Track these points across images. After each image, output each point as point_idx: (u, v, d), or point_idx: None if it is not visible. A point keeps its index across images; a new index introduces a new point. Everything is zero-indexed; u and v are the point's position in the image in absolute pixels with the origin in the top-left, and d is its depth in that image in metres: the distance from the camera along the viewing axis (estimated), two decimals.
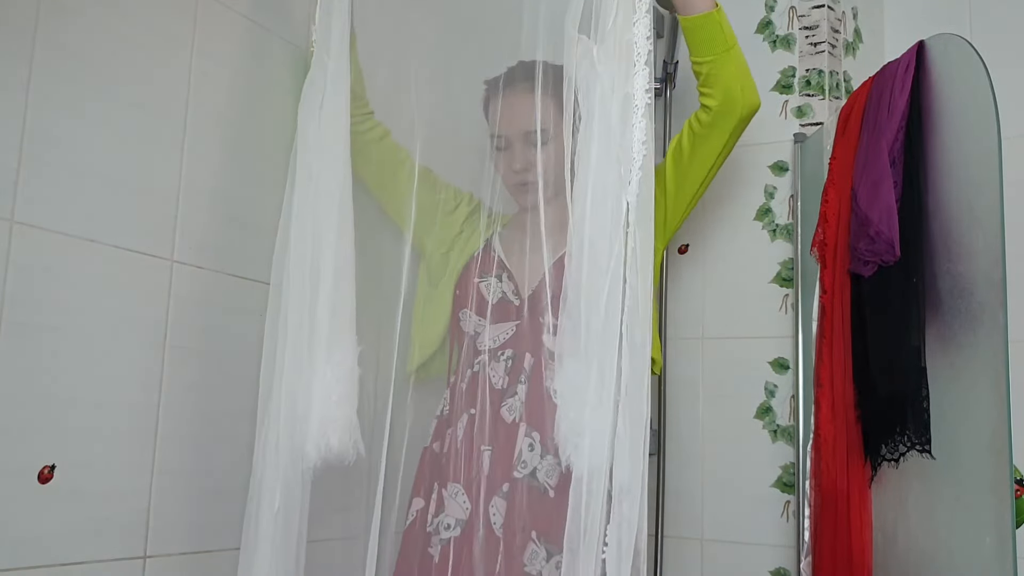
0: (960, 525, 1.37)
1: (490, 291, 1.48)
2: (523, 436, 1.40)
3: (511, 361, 1.46)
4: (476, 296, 1.50)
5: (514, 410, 1.42)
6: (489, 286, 1.48)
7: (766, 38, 2.10)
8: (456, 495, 1.41)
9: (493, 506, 1.39)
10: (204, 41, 1.43)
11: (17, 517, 1.15)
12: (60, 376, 1.20)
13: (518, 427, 1.41)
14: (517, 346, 1.47)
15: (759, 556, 1.93)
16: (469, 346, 1.51)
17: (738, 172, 2.08)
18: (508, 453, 1.40)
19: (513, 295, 1.49)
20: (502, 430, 1.41)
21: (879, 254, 1.48)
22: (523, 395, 1.43)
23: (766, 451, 1.96)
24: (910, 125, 1.51)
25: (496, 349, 1.47)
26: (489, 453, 1.41)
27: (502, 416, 1.43)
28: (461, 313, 1.54)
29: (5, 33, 1.16)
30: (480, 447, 1.41)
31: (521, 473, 1.38)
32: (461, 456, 1.42)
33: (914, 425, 1.44)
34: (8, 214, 1.15)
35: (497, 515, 1.38)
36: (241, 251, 1.49)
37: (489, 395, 1.44)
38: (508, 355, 1.47)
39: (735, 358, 2.02)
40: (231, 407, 1.46)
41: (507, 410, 1.43)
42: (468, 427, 1.44)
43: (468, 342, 1.51)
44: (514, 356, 1.46)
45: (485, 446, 1.41)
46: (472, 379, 1.48)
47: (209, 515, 1.41)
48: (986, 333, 1.34)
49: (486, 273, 1.51)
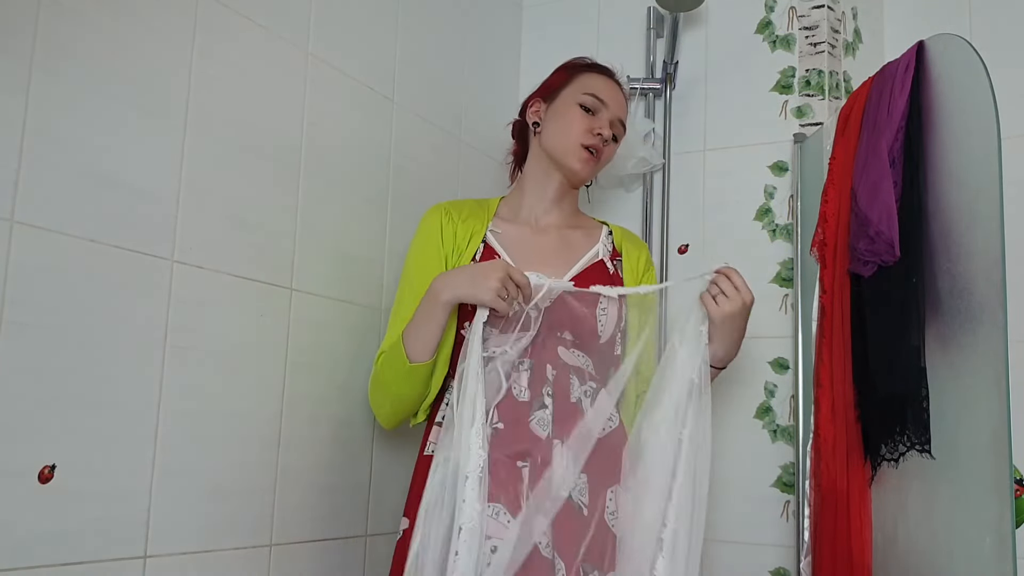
0: (960, 525, 1.37)
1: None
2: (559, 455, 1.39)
3: (530, 372, 1.45)
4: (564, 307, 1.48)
5: (545, 425, 1.41)
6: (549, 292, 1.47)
7: (766, 38, 2.10)
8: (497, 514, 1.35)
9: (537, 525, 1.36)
10: (204, 41, 1.44)
11: (17, 517, 1.15)
12: (60, 376, 1.20)
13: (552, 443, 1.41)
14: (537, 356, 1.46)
15: (759, 556, 1.93)
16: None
17: (738, 172, 2.08)
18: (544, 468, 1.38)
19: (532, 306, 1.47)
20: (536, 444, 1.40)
21: (879, 254, 1.48)
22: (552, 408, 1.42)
23: (766, 451, 1.96)
24: (910, 125, 1.51)
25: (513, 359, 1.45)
26: (527, 469, 1.39)
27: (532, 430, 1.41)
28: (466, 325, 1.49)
29: (5, 33, 1.16)
30: (516, 464, 1.39)
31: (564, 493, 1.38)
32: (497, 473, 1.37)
33: (914, 425, 1.44)
34: (8, 214, 1.15)
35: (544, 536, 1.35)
36: (241, 251, 1.49)
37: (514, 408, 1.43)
38: (527, 365, 1.46)
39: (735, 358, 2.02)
40: (231, 407, 1.46)
41: (537, 424, 1.41)
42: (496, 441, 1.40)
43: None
44: (532, 366, 1.45)
45: (522, 463, 1.39)
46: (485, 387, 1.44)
47: (209, 515, 1.41)
48: (986, 333, 1.34)
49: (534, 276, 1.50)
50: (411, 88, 1.92)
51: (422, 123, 1.95)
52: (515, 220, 1.69)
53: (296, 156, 1.61)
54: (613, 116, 1.68)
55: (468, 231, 1.64)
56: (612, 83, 1.71)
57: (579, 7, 2.33)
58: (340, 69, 1.72)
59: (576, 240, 1.68)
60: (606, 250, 1.68)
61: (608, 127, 1.67)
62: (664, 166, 2.15)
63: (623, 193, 2.22)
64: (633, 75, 2.21)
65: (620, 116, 1.69)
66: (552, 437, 1.42)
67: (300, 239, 1.61)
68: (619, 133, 1.70)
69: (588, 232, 1.70)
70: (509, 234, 1.66)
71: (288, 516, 1.55)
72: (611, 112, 1.67)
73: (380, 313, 1.78)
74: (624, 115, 1.71)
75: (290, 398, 1.57)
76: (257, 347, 1.51)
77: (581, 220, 1.74)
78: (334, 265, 1.69)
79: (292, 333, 1.58)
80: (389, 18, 1.88)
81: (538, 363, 1.46)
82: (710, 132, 2.14)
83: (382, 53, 1.85)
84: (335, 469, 1.66)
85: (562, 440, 1.42)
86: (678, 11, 2.04)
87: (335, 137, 1.70)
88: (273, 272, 1.55)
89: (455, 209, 1.67)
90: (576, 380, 1.49)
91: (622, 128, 1.71)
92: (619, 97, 1.71)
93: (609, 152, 1.70)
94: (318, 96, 1.67)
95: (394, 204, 1.85)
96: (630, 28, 2.26)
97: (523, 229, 1.68)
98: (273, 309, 1.55)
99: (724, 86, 2.13)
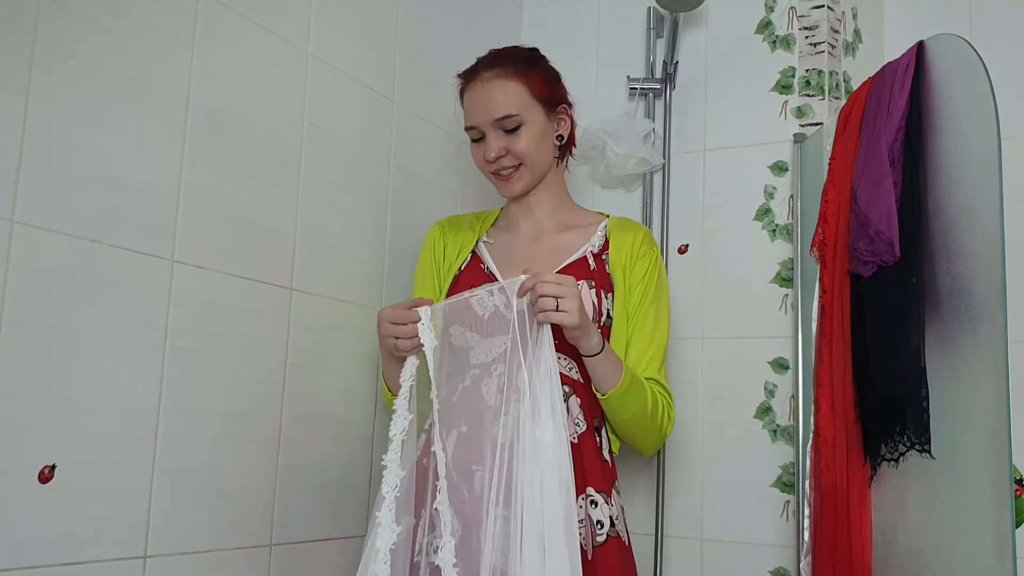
0: (960, 525, 1.37)
1: (483, 306, 1.44)
2: None
3: (503, 377, 1.40)
4: (468, 312, 1.45)
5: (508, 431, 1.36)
6: (482, 300, 1.44)
7: (766, 38, 2.10)
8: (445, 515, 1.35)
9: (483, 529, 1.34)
10: (204, 41, 1.44)
11: (17, 517, 1.15)
12: (60, 376, 1.20)
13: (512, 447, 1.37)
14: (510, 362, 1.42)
15: (759, 556, 1.93)
16: (462, 360, 1.47)
17: (738, 172, 2.08)
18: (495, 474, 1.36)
19: (505, 308, 1.43)
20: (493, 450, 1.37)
21: (879, 254, 1.48)
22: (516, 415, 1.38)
23: (766, 451, 1.96)
24: (910, 125, 1.51)
25: (489, 364, 1.43)
26: (480, 474, 1.36)
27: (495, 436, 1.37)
28: (452, 329, 1.48)
29: (5, 33, 1.16)
30: (471, 467, 1.38)
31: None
32: (451, 475, 1.37)
33: (914, 425, 1.44)
34: (8, 214, 1.15)
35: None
36: (241, 251, 1.49)
37: (480, 413, 1.41)
38: (500, 371, 1.42)
39: (735, 358, 2.02)
40: (231, 407, 1.46)
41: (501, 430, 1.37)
42: (459, 445, 1.40)
43: (461, 356, 1.48)
44: (507, 372, 1.41)
45: (476, 466, 1.37)
46: (464, 394, 1.45)
47: (209, 515, 1.41)
48: (986, 333, 1.34)
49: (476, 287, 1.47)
50: (411, 88, 1.92)
51: (422, 123, 1.95)
52: (508, 228, 1.73)
53: (296, 156, 1.61)
54: (489, 121, 1.60)
55: (458, 244, 1.69)
56: (475, 88, 1.63)
57: (579, 7, 2.33)
58: (340, 69, 1.72)
59: (565, 242, 1.68)
60: (597, 245, 1.68)
61: (493, 145, 1.60)
62: (664, 166, 2.15)
63: (623, 193, 2.22)
64: (633, 75, 2.21)
65: (495, 116, 1.59)
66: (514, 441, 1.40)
67: (300, 239, 1.61)
68: (513, 123, 1.59)
69: (583, 231, 1.70)
70: (501, 243, 1.70)
71: (288, 516, 1.55)
72: (486, 122, 1.61)
73: None
74: (502, 106, 1.59)
75: (290, 398, 1.57)
76: (257, 347, 1.51)
77: (578, 218, 1.73)
78: (334, 265, 1.69)
79: (292, 333, 1.58)
80: (389, 18, 1.88)
81: (511, 368, 1.40)
82: (710, 132, 2.14)
83: (382, 53, 1.85)
84: (335, 469, 1.66)
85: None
86: (678, 11, 2.05)
87: (335, 137, 1.70)
88: (273, 272, 1.55)
89: (451, 224, 1.73)
90: None
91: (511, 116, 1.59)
92: (486, 99, 1.60)
93: (519, 145, 1.60)
94: (318, 96, 1.67)
95: (394, 204, 1.85)
96: (630, 28, 2.26)
97: (515, 236, 1.71)
98: (273, 309, 1.55)
99: (724, 86, 2.13)
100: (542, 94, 1.64)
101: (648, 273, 1.64)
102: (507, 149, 1.62)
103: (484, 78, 1.62)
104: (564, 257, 1.64)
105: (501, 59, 1.64)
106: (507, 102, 1.60)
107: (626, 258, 1.65)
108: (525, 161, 1.63)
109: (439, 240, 1.70)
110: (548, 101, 1.65)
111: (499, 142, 1.61)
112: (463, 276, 1.65)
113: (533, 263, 1.61)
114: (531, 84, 1.63)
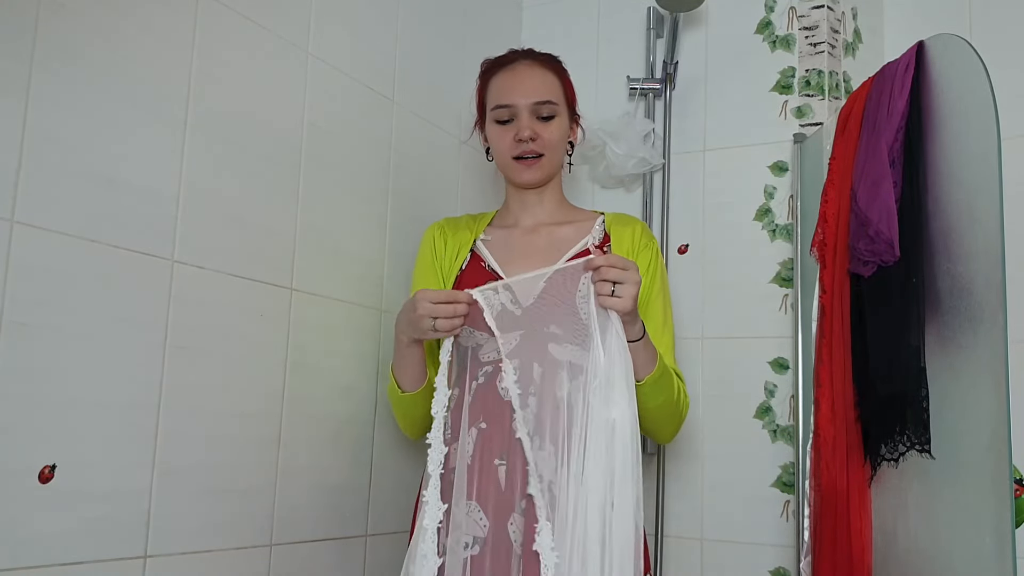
0: (960, 525, 1.37)
1: (490, 304, 1.44)
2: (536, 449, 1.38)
3: (518, 372, 1.43)
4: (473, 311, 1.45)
5: (527, 423, 1.39)
6: (488, 299, 1.44)
7: (766, 38, 2.10)
8: (472, 512, 1.38)
9: (512, 523, 1.37)
10: (204, 41, 1.44)
11: (17, 517, 1.15)
12: (60, 376, 1.20)
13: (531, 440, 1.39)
14: (523, 356, 1.44)
15: (759, 556, 1.93)
16: (473, 359, 1.48)
17: (738, 172, 2.08)
18: (522, 467, 1.38)
19: (512, 304, 1.45)
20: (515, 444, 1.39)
21: (879, 254, 1.48)
22: (535, 407, 1.41)
23: (766, 451, 1.96)
24: (910, 125, 1.51)
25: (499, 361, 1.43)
26: (504, 468, 1.39)
27: (514, 430, 1.40)
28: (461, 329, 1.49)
29: (5, 33, 1.16)
30: (494, 462, 1.40)
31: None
32: (475, 472, 1.40)
33: (914, 425, 1.44)
34: (8, 214, 1.15)
35: (516, 532, 1.36)
36: (241, 251, 1.49)
37: (499, 408, 1.42)
38: (515, 365, 1.43)
39: (735, 358, 2.02)
40: (231, 407, 1.46)
41: (520, 423, 1.39)
42: (480, 441, 1.42)
43: (471, 355, 1.49)
44: (521, 367, 1.44)
45: (499, 460, 1.40)
46: (479, 392, 1.45)
47: (210, 515, 1.41)
48: (986, 333, 1.34)
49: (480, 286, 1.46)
50: (411, 88, 1.92)
51: (422, 123, 1.95)
52: (505, 225, 1.73)
53: (296, 156, 1.61)
54: (529, 104, 1.63)
55: (457, 244, 1.69)
56: (518, 69, 1.66)
57: (579, 7, 2.34)
58: (340, 69, 1.72)
59: (565, 236, 1.68)
60: (596, 239, 1.68)
61: (527, 125, 1.62)
62: (664, 166, 2.15)
63: (623, 193, 2.22)
64: (633, 75, 2.21)
65: (537, 99, 1.62)
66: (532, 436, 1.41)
67: (300, 239, 1.61)
68: (550, 111, 1.63)
69: (580, 226, 1.70)
70: (498, 240, 1.70)
71: (288, 516, 1.55)
72: (525, 104, 1.63)
73: (380, 313, 1.78)
74: (544, 92, 1.63)
75: (290, 398, 1.57)
76: (257, 347, 1.51)
77: (574, 215, 1.74)
78: (334, 265, 1.69)
79: (292, 333, 1.58)
80: (389, 18, 1.88)
81: (525, 362, 1.43)
82: (710, 132, 2.14)
83: (382, 53, 1.85)
84: (335, 469, 1.66)
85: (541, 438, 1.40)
86: (678, 11, 2.05)
87: (335, 137, 1.70)
88: (273, 272, 1.55)
89: (449, 225, 1.74)
90: (565, 376, 1.45)
91: (551, 103, 1.63)
92: (529, 81, 1.64)
93: (550, 135, 1.63)
94: (318, 96, 1.67)
95: (394, 204, 1.85)
96: (630, 28, 2.26)
97: (512, 232, 1.71)
98: (273, 309, 1.55)
99: (724, 86, 2.13)
100: (570, 99, 1.71)
101: (651, 264, 1.66)
102: (539, 134, 1.64)
103: (525, 63, 1.67)
104: (564, 250, 1.65)
105: (539, 55, 1.70)
106: (549, 90, 1.65)
107: (628, 251, 1.67)
108: (548, 152, 1.65)
109: (439, 239, 1.71)
110: (571, 107, 1.72)
111: (533, 125, 1.63)
112: (464, 276, 1.65)
113: (532, 256, 1.63)
114: (565, 86, 1.70)
